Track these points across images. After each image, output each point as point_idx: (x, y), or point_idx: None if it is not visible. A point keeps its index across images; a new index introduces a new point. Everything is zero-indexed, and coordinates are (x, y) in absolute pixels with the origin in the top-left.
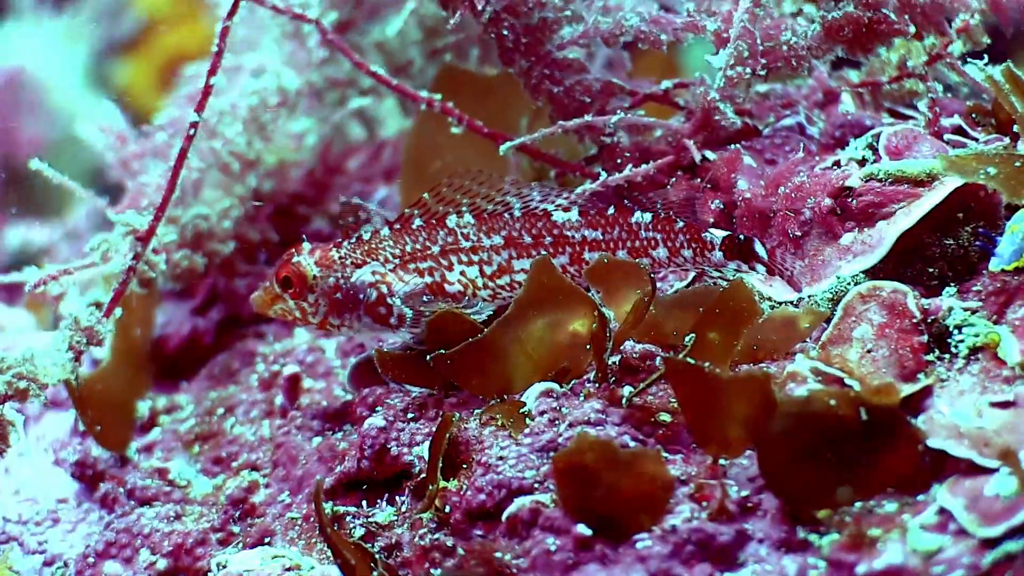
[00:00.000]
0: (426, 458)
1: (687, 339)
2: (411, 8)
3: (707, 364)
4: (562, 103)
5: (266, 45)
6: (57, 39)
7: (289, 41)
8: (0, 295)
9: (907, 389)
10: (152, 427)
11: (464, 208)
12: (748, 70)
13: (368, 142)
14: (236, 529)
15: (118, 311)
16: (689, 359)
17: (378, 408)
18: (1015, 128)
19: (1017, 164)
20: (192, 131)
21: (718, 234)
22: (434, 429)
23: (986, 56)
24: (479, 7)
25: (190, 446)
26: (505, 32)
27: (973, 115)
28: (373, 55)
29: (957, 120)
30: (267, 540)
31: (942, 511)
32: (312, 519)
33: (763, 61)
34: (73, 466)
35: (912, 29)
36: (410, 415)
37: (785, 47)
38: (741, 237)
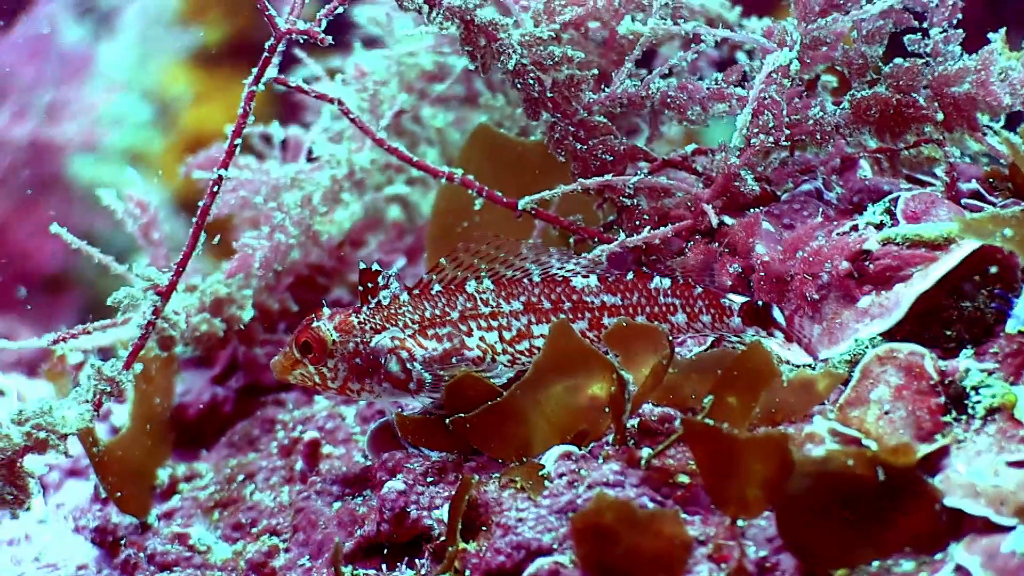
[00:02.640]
0: (446, 521)
1: (705, 401)
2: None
3: (725, 425)
4: (585, 161)
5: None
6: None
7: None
8: (21, 368)
9: (924, 449)
10: (172, 494)
11: (483, 273)
12: (772, 139)
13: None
14: None
15: (138, 366)
16: (707, 420)
17: (398, 473)
18: None
19: None
20: (216, 188)
21: (737, 300)
22: (454, 492)
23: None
24: (505, 58)
25: (210, 512)
26: (531, 82)
27: (990, 180)
28: (426, 147)
29: (974, 185)
30: None
31: (959, 569)
32: None
33: (787, 132)
34: (93, 532)
35: (940, 116)
36: (430, 479)
37: (812, 122)
38: (760, 303)
